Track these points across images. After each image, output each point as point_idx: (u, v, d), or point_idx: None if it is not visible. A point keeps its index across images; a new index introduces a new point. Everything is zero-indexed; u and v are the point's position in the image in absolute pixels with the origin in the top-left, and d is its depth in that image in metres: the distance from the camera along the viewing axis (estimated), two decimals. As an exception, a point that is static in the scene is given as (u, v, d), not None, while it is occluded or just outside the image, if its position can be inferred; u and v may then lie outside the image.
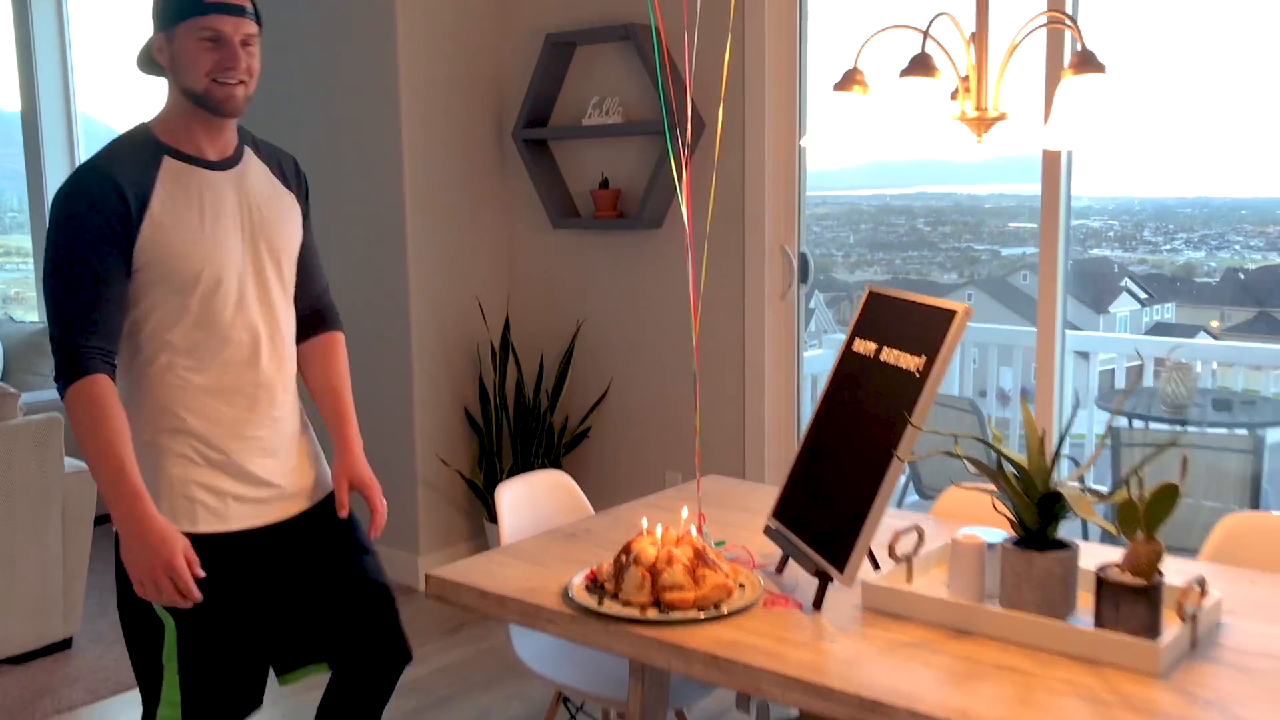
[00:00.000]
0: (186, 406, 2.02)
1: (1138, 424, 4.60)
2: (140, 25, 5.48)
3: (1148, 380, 5.08)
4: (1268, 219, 5.51)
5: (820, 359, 5.10)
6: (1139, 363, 5.23)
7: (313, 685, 2.31)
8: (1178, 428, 4.44)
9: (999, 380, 5.43)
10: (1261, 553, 2.23)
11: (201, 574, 1.95)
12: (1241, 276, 5.69)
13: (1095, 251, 5.95)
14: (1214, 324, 5.55)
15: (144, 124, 2.05)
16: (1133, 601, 1.74)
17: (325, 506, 2.22)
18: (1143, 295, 6.16)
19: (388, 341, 4.15)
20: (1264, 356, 5.06)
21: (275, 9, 4.13)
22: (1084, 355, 5.27)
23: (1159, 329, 6.13)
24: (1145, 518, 1.78)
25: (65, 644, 3.67)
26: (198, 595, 1.95)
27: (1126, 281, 6.15)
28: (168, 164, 2.00)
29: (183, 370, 2.02)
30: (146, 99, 5.34)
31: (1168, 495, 1.77)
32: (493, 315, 4.34)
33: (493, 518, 4.17)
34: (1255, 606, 1.94)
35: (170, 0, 1.97)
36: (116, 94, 5.68)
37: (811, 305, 5.37)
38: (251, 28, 2.00)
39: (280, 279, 2.13)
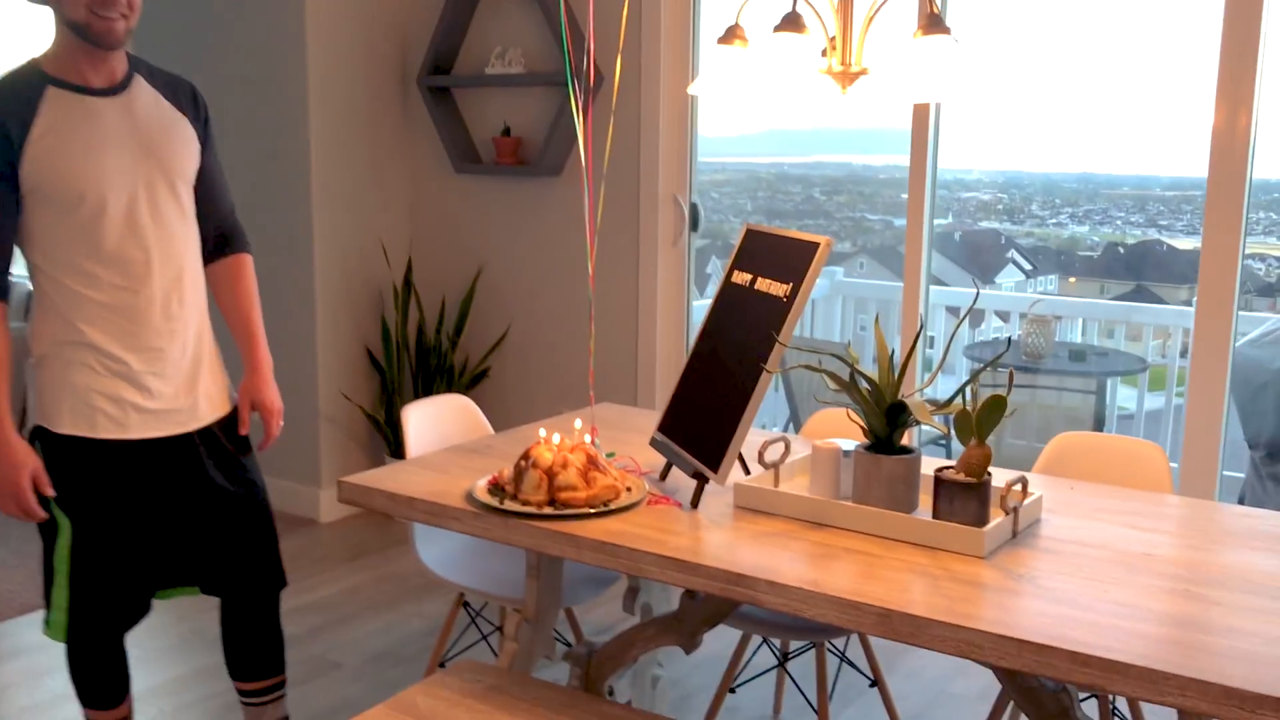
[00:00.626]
0: (86, 320, 2.15)
1: (1001, 370, 4.98)
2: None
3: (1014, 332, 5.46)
4: (1146, 196, 5.81)
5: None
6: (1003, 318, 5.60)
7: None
8: (1036, 374, 4.83)
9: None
10: (1083, 465, 2.55)
11: (50, 493, 2.12)
12: (1121, 251, 5.99)
13: (985, 223, 6.22)
14: (1071, 281, 5.94)
15: (32, 58, 2.16)
16: (964, 497, 2.02)
17: (223, 426, 2.35)
18: (1027, 267, 6.47)
19: (292, 281, 4.26)
20: (1114, 312, 5.50)
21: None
22: (956, 312, 5.63)
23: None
24: (977, 425, 2.06)
25: (-32, 569, 3.75)
26: (41, 515, 2.12)
27: (1012, 253, 6.44)
28: (51, 93, 2.10)
29: (78, 286, 2.14)
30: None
31: (996, 406, 2.05)
32: (395, 257, 4.48)
33: (393, 453, 4.34)
34: (1071, 507, 2.24)
35: None
36: (20, 51, 5.62)
37: (708, 270, 5.60)
38: None
39: (175, 200, 2.24)
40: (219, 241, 2.39)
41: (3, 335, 2.08)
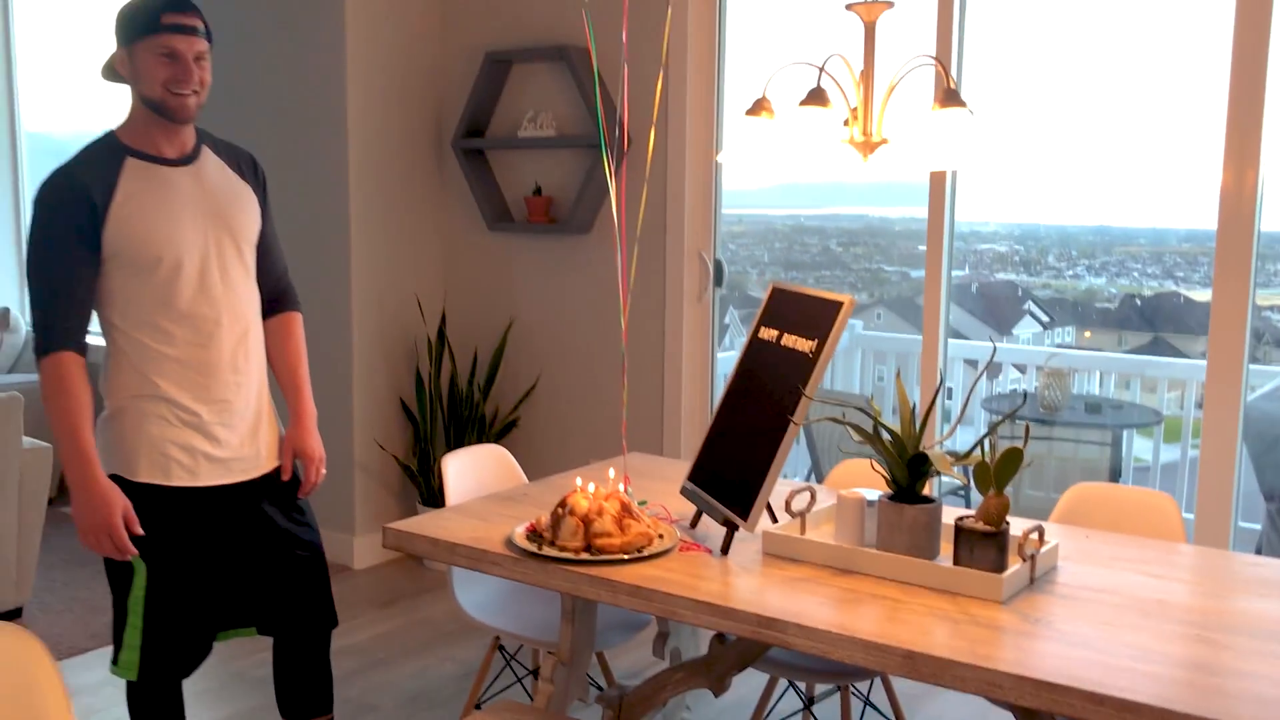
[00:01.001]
0: (160, 374, 2.29)
1: (1020, 422, 5.06)
2: (84, 43, 5.64)
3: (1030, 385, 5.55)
4: (1163, 249, 5.78)
5: (733, 359, 5.45)
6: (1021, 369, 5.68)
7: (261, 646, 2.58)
8: (1053, 427, 4.91)
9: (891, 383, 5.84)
10: (1098, 515, 2.63)
11: (140, 532, 2.24)
12: (1139, 302, 5.94)
13: (1001, 275, 6.25)
14: (1086, 334, 6.01)
15: (110, 130, 2.33)
16: (984, 545, 2.11)
17: (278, 473, 2.49)
18: (1044, 318, 6.49)
19: (330, 334, 4.41)
20: (1130, 365, 5.58)
21: (235, 24, 4.39)
22: (974, 364, 5.72)
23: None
24: (995, 476, 2.15)
25: (16, 613, 3.86)
26: (133, 551, 2.23)
27: (1029, 305, 6.46)
28: (130, 163, 2.27)
29: (154, 343, 2.29)
30: (93, 113, 5.53)
31: (1014, 458, 2.15)
32: (430, 311, 4.63)
33: (425, 501, 4.45)
34: (1086, 555, 2.33)
35: (132, 20, 2.24)
36: (61, 109, 5.84)
37: (726, 321, 5.71)
38: (203, 45, 2.28)
39: (241, 262, 2.40)
40: (273, 300, 2.53)
41: (86, 386, 2.22)
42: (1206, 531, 3.34)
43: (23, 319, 5.45)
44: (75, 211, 2.18)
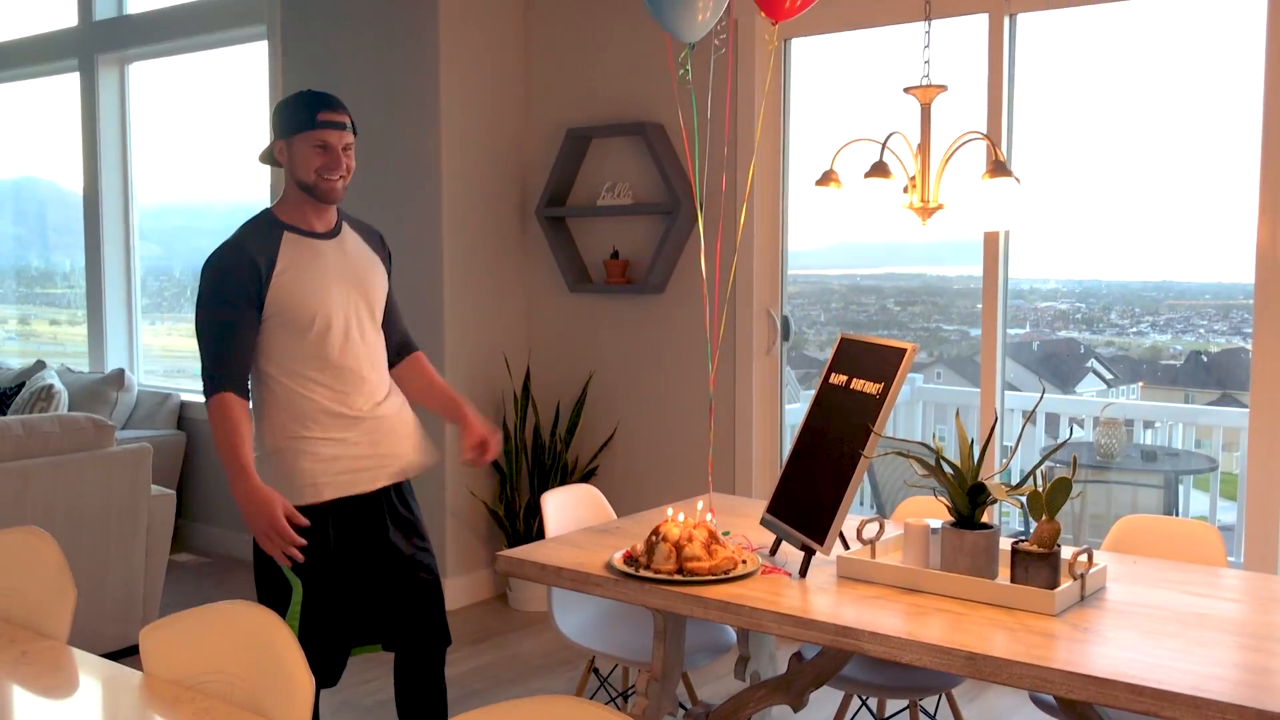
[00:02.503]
0: (311, 418, 2.64)
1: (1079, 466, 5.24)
2: (190, 119, 6.03)
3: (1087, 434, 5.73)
4: (1230, 305, 5.70)
5: (798, 411, 5.69)
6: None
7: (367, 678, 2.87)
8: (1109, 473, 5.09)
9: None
10: (1144, 544, 2.86)
11: (303, 521, 2.54)
12: (1205, 359, 5.93)
13: (1063, 333, 6.33)
14: (1140, 384, 6.13)
15: (267, 208, 2.71)
16: (1037, 565, 2.35)
17: (402, 490, 2.82)
18: (1108, 376, 6.54)
19: (422, 389, 4.75)
20: (1182, 414, 5.73)
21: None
22: (1033, 418, 5.90)
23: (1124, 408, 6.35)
24: (1046, 504, 2.40)
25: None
26: (300, 542, 2.53)
27: (1092, 362, 6.52)
28: (287, 236, 2.64)
29: (304, 389, 2.64)
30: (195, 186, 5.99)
31: (1063, 486, 2.40)
32: (515, 367, 4.96)
33: (511, 545, 4.74)
34: (1133, 577, 2.56)
35: (291, 116, 2.63)
36: (167, 181, 6.32)
37: (784, 382, 5.93)
38: (350, 138, 2.67)
39: (374, 320, 2.77)
40: (400, 349, 2.90)
41: (247, 419, 2.57)
42: (1254, 569, 3.52)
43: (135, 379, 5.87)
44: (244, 277, 2.54)
